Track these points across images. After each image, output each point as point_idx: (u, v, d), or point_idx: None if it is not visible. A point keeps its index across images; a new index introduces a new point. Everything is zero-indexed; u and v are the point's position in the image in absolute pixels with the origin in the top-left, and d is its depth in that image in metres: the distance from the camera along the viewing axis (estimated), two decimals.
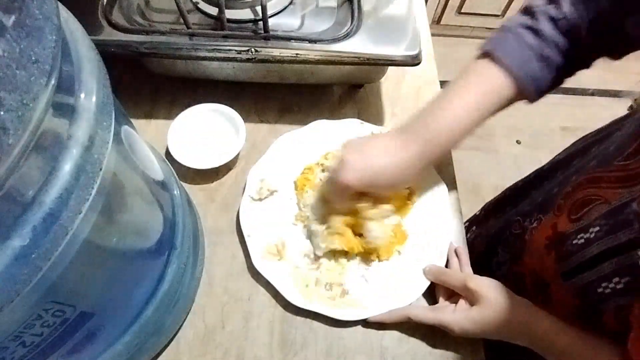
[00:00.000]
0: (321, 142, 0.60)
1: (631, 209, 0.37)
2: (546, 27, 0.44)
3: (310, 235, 0.54)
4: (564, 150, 0.63)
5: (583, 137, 0.60)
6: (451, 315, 0.46)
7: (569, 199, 0.46)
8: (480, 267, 0.53)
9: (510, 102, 0.47)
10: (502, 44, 0.46)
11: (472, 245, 0.71)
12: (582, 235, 0.42)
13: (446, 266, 0.53)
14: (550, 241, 0.47)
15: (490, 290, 0.45)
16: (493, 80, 0.46)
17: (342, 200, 0.50)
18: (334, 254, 0.53)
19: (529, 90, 0.46)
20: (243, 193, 0.55)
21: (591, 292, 0.41)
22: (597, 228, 0.40)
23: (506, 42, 0.46)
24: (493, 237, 0.65)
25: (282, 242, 0.53)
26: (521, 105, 0.49)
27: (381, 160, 0.47)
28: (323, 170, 0.58)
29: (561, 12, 0.44)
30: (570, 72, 0.48)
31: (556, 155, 0.65)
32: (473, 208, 0.82)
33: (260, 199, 0.55)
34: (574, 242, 0.42)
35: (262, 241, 0.53)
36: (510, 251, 0.57)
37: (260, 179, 0.56)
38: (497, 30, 0.48)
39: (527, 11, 0.47)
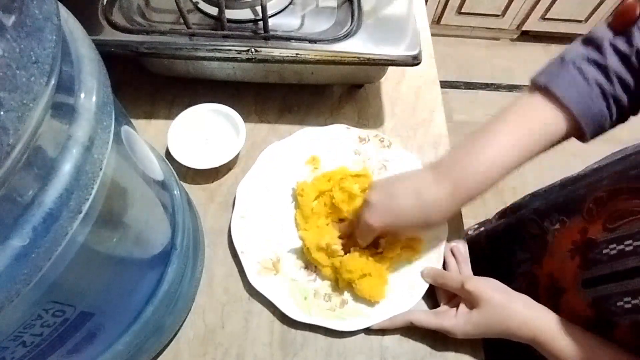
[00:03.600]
0: (308, 150, 0.60)
1: None
2: (614, 62, 0.40)
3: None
4: (599, 161, 0.58)
5: (621, 149, 0.55)
6: (453, 320, 0.46)
7: (604, 206, 0.43)
8: (489, 263, 0.53)
9: (560, 142, 0.43)
10: (559, 77, 0.41)
11: (476, 242, 0.70)
12: (614, 245, 0.40)
13: (444, 267, 0.53)
14: (576, 246, 0.45)
15: (488, 291, 0.45)
16: (545, 118, 0.41)
17: (367, 240, 0.49)
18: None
19: (588, 130, 0.41)
20: (233, 209, 0.55)
21: (610, 305, 0.40)
22: (638, 243, 0.38)
23: (565, 76, 0.41)
24: (505, 235, 0.63)
25: (277, 256, 0.52)
26: None
27: (407, 201, 0.44)
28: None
29: (631, 46, 0.39)
30: (636, 111, 0.43)
31: (588, 166, 0.59)
32: (472, 209, 0.82)
33: (250, 215, 0.54)
34: (604, 251, 0.41)
35: (256, 256, 0.52)
36: (531, 251, 0.56)
37: (249, 193, 0.55)
38: (553, 60, 0.43)
39: (592, 42, 0.42)
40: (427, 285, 0.51)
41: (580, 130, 0.42)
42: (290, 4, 0.60)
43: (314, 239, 0.51)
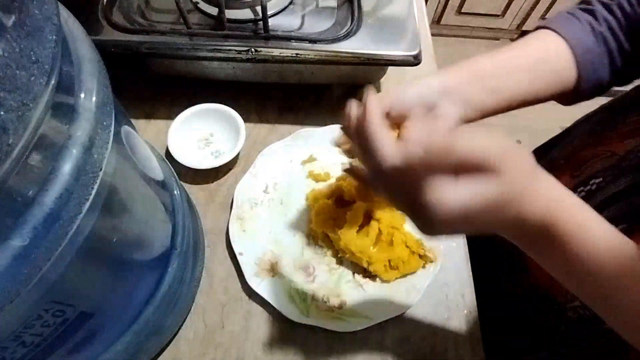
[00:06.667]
0: (305, 151, 0.60)
1: (636, 155, 0.37)
2: (600, 8, 0.43)
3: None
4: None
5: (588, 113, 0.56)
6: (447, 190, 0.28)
7: (571, 159, 0.45)
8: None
9: (563, 79, 0.43)
10: (556, 20, 0.44)
11: None
12: (581, 188, 0.41)
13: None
14: None
15: (504, 150, 0.28)
16: (552, 43, 0.42)
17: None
18: (328, 263, 0.53)
19: (584, 70, 0.42)
20: (230, 211, 0.55)
21: None
22: (600, 179, 0.40)
23: (560, 19, 0.44)
24: None
25: (275, 258, 0.52)
26: None
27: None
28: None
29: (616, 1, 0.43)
30: (624, 75, 0.45)
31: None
32: None
33: (248, 217, 0.55)
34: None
35: (254, 258, 0.52)
36: None
37: (247, 195, 0.56)
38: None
39: (583, 1, 0.46)
40: (427, 283, 0.51)
41: (578, 68, 0.42)
42: (290, 4, 0.60)
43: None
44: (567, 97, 0.45)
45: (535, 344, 0.52)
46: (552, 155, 0.56)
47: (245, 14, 0.59)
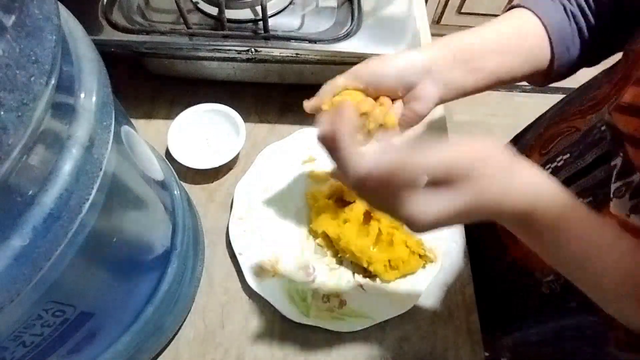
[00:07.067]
0: (305, 151, 0.60)
1: (598, 129, 0.38)
2: None
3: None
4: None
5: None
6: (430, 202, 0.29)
7: (540, 138, 0.46)
8: None
9: (539, 58, 0.42)
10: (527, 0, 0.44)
11: None
12: (549, 165, 0.43)
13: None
14: None
15: (481, 151, 0.30)
16: (529, 22, 0.42)
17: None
18: (328, 263, 0.53)
19: (556, 47, 0.42)
20: (230, 211, 0.55)
21: None
22: (567, 155, 0.41)
23: None
24: None
25: (275, 258, 0.52)
26: (520, 105, 0.49)
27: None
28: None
29: None
30: (592, 56, 0.45)
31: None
32: None
33: (248, 217, 0.55)
34: None
35: (254, 258, 0.52)
36: None
37: (247, 196, 0.56)
38: None
39: None
40: (427, 283, 0.51)
41: (551, 47, 0.42)
42: (290, 4, 0.60)
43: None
44: (540, 77, 0.45)
45: (516, 320, 0.53)
46: (526, 137, 0.58)
47: (245, 14, 0.59)
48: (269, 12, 0.57)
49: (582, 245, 0.31)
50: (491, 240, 0.57)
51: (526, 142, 0.56)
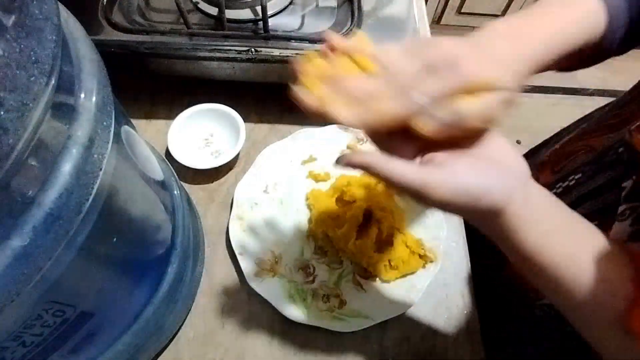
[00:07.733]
0: (305, 151, 0.60)
1: (615, 150, 0.37)
2: None
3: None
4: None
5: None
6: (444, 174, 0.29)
7: (554, 155, 0.46)
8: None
9: (594, 36, 0.37)
10: None
11: None
12: (560, 184, 0.42)
13: None
14: None
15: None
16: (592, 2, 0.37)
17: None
18: (328, 263, 0.53)
19: (612, 22, 0.37)
20: (230, 211, 0.55)
21: None
22: (579, 175, 0.40)
23: None
24: None
25: (275, 258, 0.52)
26: (520, 105, 0.48)
27: None
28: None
29: None
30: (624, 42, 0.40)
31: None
32: None
33: (248, 217, 0.55)
34: (552, 191, 0.39)
35: (254, 258, 0.52)
36: None
37: (247, 196, 0.56)
38: None
39: None
40: (427, 283, 0.51)
41: (606, 26, 0.37)
42: (290, 4, 0.60)
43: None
44: (586, 57, 0.39)
45: (514, 339, 0.53)
46: (541, 153, 0.57)
47: (245, 14, 0.59)
48: (269, 12, 0.57)
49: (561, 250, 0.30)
50: (490, 250, 0.57)
51: (540, 158, 0.55)
